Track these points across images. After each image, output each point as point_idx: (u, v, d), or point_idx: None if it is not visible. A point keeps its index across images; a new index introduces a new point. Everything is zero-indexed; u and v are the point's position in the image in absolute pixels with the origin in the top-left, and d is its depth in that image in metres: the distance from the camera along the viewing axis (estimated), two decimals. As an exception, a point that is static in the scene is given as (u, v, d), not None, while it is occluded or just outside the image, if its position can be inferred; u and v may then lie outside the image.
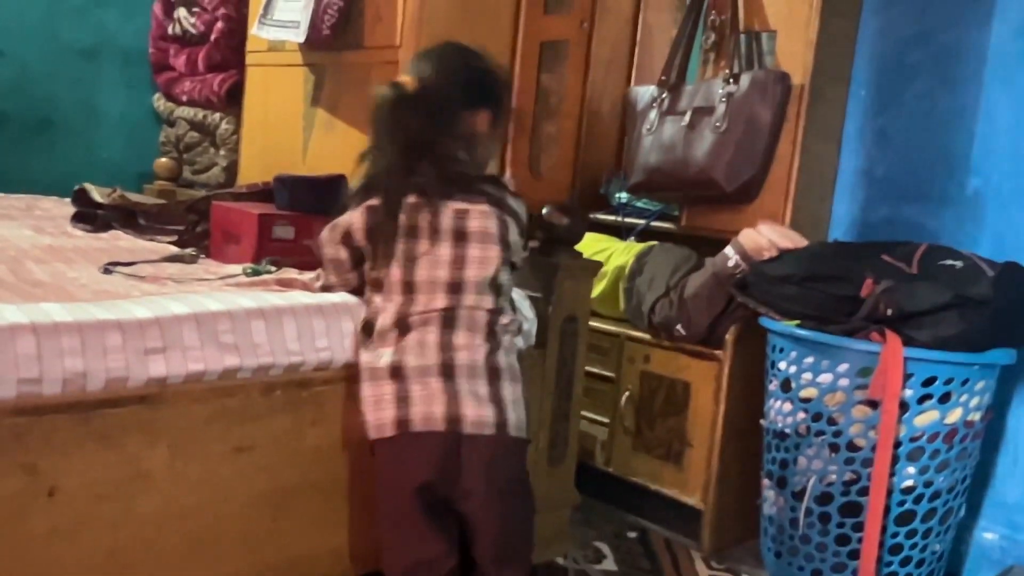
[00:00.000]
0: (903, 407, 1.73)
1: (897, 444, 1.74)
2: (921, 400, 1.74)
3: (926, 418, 1.75)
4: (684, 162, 2.19)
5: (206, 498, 1.44)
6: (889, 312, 1.74)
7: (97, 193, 2.40)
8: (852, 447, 1.79)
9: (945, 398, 1.75)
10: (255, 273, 1.89)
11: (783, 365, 1.88)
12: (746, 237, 2.01)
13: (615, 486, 2.26)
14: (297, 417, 1.52)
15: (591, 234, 2.34)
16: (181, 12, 3.25)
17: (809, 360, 1.83)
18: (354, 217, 1.57)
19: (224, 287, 1.69)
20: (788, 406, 1.88)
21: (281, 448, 1.51)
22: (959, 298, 1.70)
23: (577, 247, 1.97)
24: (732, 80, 2.14)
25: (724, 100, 2.14)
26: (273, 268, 1.94)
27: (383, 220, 1.53)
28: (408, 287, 1.51)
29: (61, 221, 2.43)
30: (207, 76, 3.20)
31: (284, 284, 1.77)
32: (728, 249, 2.03)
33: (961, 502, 1.87)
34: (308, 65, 2.79)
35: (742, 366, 2.06)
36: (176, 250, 2.15)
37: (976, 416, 1.79)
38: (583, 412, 2.16)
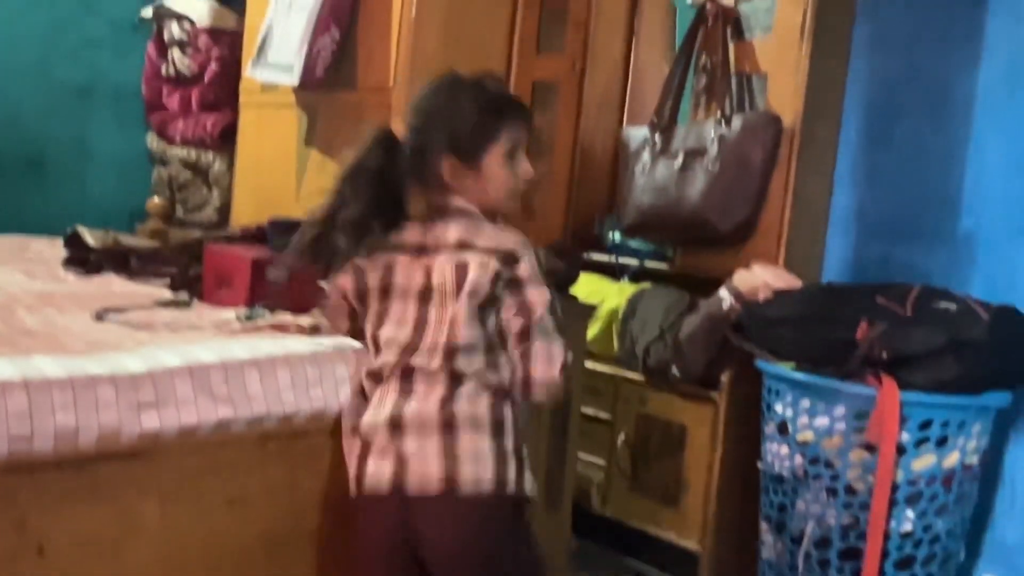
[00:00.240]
0: (900, 451, 1.73)
1: (895, 488, 1.73)
2: (918, 444, 1.74)
3: (923, 462, 1.74)
4: (677, 203, 2.20)
5: (199, 551, 1.42)
6: (884, 355, 1.74)
7: (90, 236, 2.39)
8: (850, 491, 1.78)
9: (942, 442, 1.74)
10: (249, 319, 1.88)
11: (779, 408, 1.88)
12: (740, 278, 2.01)
13: (611, 529, 2.24)
14: (291, 467, 1.51)
15: (585, 275, 2.35)
16: (175, 52, 3.26)
17: (805, 403, 1.82)
18: (345, 280, 1.54)
19: (218, 335, 1.68)
20: (785, 449, 1.87)
21: (275, 499, 1.49)
22: (954, 342, 1.71)
23: (571, 290, 1.97)
24: (724, 122, 2.15)
25: (716, 142, 2.15)
26: (267, 313, 1.94)
27: (362, 282, 1.52)
28: (375, 342, 1.50)
29: (53, 264, 2.42)
30: (200, 116, 3.20)
31: (279, 328, 1.76)
32: (722, 291, 2.03)
33: (960, 545, 1.86)
34: (301, 106, 2.80)
35: (738, 408, 2.05)
36: (169, 294, 2.14)
37: (973, 459, 1.79)
38: (579, 454, 2.15)
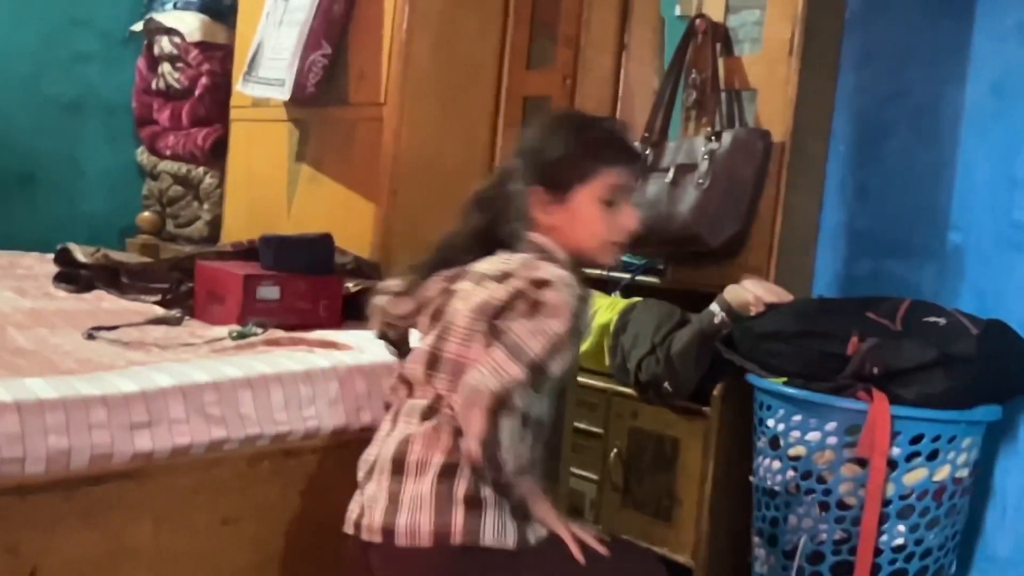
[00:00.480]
0: (891, 465, 1.73)
1: (887, 503, 1.74)
2: (909, 458, 1.74)
3: (915, 476, 1.75)
4: (668, 218, 2.21)
5: (192, 572, 1.42)
6: (875, 370, 1.75)
7: (80, 252, 2.39)
8: (842, 506, 1.79)
9: (933, 456, 1.75)
10: (241, 336, 1.88)
11: (771, 423, 1.88)
12: (731, 293, 2.02)
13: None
14: (285, 487, 1.51)
15: (577, 289, 2.35)
16: (165, 67, 3.26)
17: (797, 418, 1.83)
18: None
19: (210, 353, 1.68)
20: (777, 464, 1.88)
21: (269, 519, 1.49)
22: (944, 356, 1.72)
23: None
24: (714, 137, 2.17)
25: (707, 157, 2.16)
26: (259, 330, 1.93)
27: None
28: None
29: (43, 280, 2.41)
30: (191, 130, 3.21)
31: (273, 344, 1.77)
32: (714, 305, 2.04)
33: (952, 559, 1.86)
34: (292, 121, 2.81)
35: (730, 422, 2.05)
36: (160, 311, 2.13)
37: (964, 473, 1.80)
38: (571, 469, 2.15)
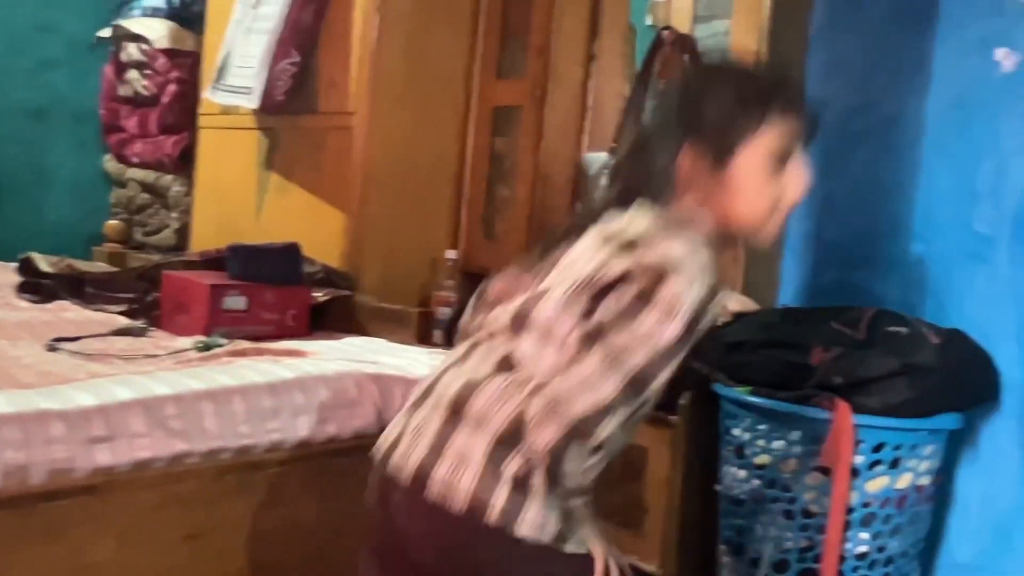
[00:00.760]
0: (855, 473, 1.75)
1: (850, 510, 1.76)
2: (872, 466, 1.76)
3: (877, 484, 1.77)
4: (636, 228, 2.22)
5: (155, 588, 1.41)
6: (839, 379, 1.77)
7: (44, 262, 2.36)
8: (807, 514, 1.80)
9: (895, 464, 1.77)
10: (205, 348, 1.87)
11: (737, 432, 1.90)
12: (698, 303, 2.03)
13: (574, 553, 2.24)
14: (249, 501, 1.50)
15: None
16: (133, 74, 3.23)
17: (762, 427, 1.84)
18: None
19: (174, 366, 1.66)
20: (743, 473, 1.89)
21: (234, 533, 1.48)
22: (906, 365, 1.74)
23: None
24: (681, 148, 2.18)
25: (674, 167, 2.17)
26: (225, 341, 1.92)
27: None
28: None
29: (6, 291, 2.38)
30: (159, 138, 3.18)
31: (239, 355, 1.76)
32: (681, 315, 2.05)
33: (914, 566, 1.89)
34: (262, 129, 2.80)
35: (698, 432, 2.06)
36: (125, 321, 2.12)
37: (926, 480, 1.82)
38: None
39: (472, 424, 1.12)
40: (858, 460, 1.75)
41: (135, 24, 3.20)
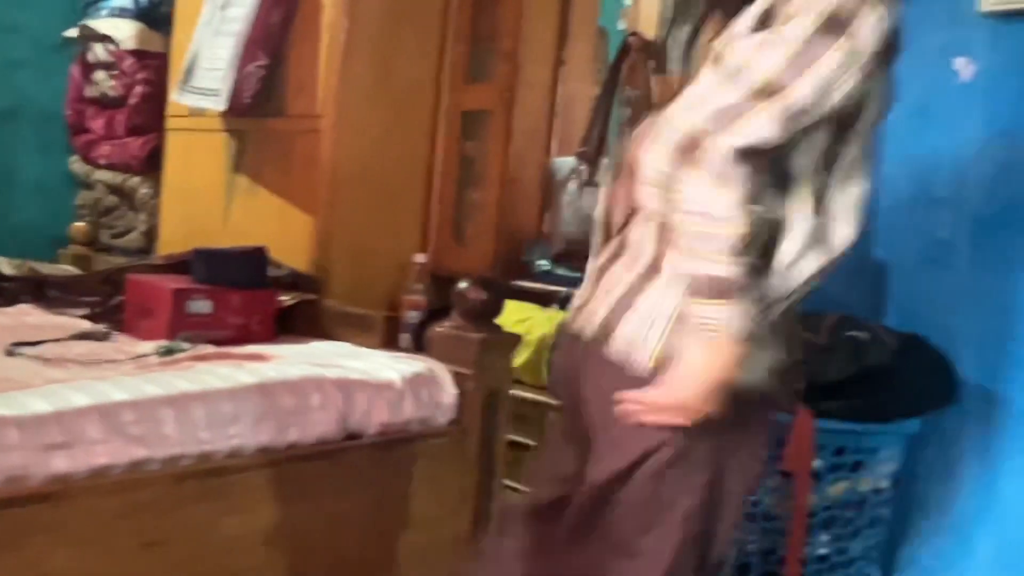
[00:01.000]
0: (816, 477, 1.77)
1: (811, 513, 1.78)
2: (832, 470, 1.78)
3: (838, 488, 1.79)
4: (603, 233, 2.23)
5: (112, 597, 1.39)
6: (800, 385, 1.78)
7: (5, 265, 2.33)
8: (769, 517, 1.82)
9: (855, 467, 1.80)
10: (168, 352, 1.85)
11: (701, 436, 1.91)
12: (664, 308, 2.04)
13: (541, 557, 2.24)
14: (210, 508, 1.48)
15: (513, 303, 2.36)
16: (100, 75, 3.19)
17: (726, 431, 1.86)
18: None
19: (134, 371, 1.65)
20: (707, 476, 1.90)
21: (194, 541, 1.46)
22: (865, 370, 1.76)
23: (498, 319, 1.98)
24: (648, 153, 2.19)
25: (641, 173, 2.19)
26: (187, 345, 1.91)
27: None
28: None
29: (-33, 294, 2.35)
30: (127, 139, 3.15)
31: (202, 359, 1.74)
32: (647, 320, 2.06)
33: (875, 567, 1.91)
34: (230, 131, 2.77)
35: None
36: (87, 325, 2.09)
37: (885, 484, 1.84)
38: (507, 482, 2.15)
39: (667, 284, 1.14)
40: (819, 464, 1.77)
41: (102, 24, 3.16)
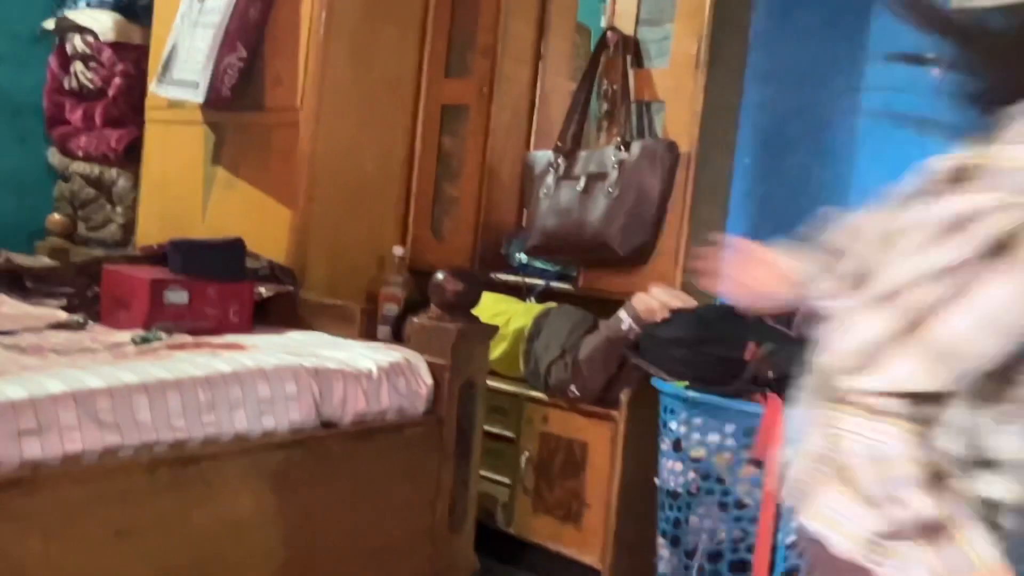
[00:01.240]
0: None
1: (781, 502, 1.80)
2: (802, 459, 1.81)
3: (807, 477, 1.82)
4: (579, 226, 2.25)
5: (85, 584, 1.39)
6: (771, 374, 1.81)
7: (-19, 256, 2.32)
8: (740, 506, 1.84)
9: (825, 457, 1.82)
10: (144, 341, 1.86)
11: (674, 425, 1.93)
12: (639, 300, 2.07)
13: (516, 547, 2.26)
14: (183, 497, 1.48)
15: (491, 295, 2.38)
16: (78, 66, 3.18)
17: (698, 421, 1.88)
18: None
19: (110, 359, 1.65)
20: (679, 466, 1.93)
21: (166, 530, 1.46)
22: (834, 361, 1.79)
23: (476, 310, 1.99)
24: (624, 147, 2.22)
25: (616, 167, 2.21)
26: (164, 335, 1.91)
27: None
28: None
29: (-58, 285, 2.34)
30: (104, 131, 3.13)
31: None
32: (621, 312, 2.08)
33: (844, 556, 1.94)
34: (208, 124, 2.77)
35: (637, 426, 2.10)
36: (64, 315, 2.09)
37: (854, 473, 1.87)
38: (484, 473, 2.17)
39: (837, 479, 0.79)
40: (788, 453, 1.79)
41: (81, 16, 3.15)
